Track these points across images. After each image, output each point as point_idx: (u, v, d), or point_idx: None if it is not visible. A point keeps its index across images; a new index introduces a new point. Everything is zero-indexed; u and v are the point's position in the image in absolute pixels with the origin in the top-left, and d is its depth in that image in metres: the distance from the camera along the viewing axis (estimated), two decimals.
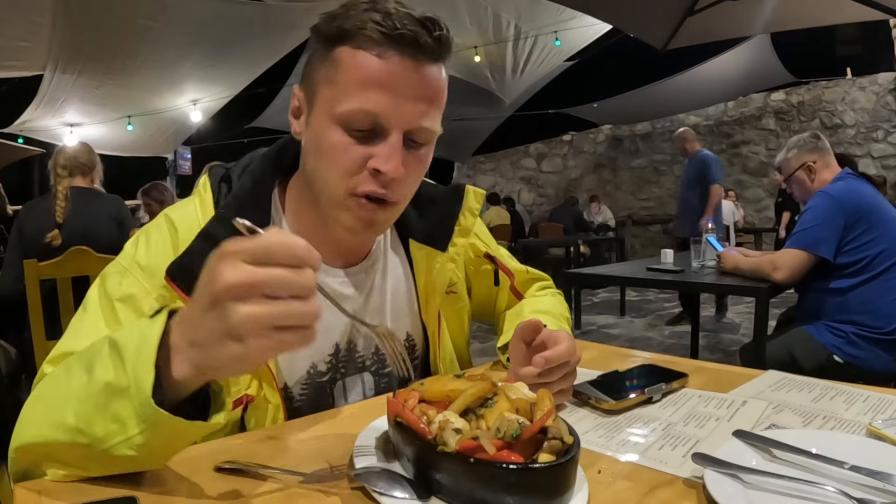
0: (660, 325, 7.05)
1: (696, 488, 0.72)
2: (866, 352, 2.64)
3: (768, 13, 5.34)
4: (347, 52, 0.91)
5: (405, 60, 0.90)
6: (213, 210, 1.02)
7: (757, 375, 1.17)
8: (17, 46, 7.09)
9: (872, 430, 0.85)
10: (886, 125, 11.22)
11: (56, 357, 0.90)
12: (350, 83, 0.91)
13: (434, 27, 0.91)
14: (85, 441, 0.69)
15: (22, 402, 0.80)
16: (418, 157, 0.98)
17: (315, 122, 0.96)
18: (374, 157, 0.92)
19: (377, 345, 1.15)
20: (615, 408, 0.97)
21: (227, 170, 1.10)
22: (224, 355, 0.62)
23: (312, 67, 0.97)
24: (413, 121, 0.93)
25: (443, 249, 1.17)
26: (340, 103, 0.91)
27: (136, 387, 0.65)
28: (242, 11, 7.54)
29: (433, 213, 1.20)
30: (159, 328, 0.66)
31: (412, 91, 0.91)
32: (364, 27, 0.89)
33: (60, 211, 3.22)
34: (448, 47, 0.94)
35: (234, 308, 0.59)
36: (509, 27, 9.68)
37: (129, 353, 0.67)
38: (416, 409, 0.70)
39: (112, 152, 10.42)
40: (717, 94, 12.76)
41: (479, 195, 1.23)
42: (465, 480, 0.63)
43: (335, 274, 1.10)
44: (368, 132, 0.92)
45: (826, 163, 3.03)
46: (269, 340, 0.60)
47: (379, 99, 0.90)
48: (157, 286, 0.95)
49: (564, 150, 14.56)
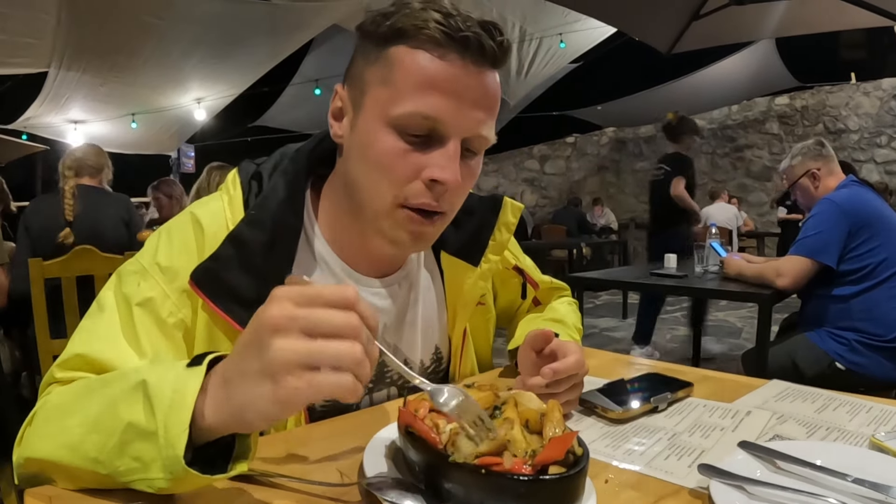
0: (662, 329, 7.05)
1: (702, 498, 0.73)
2: (868, 359, 2.65)
3: (774, 19, 5.36)
4: (405, 52, 0.86)
5: (467, 64, 0.86)
6: (243, 210, 0.97)
7: (761, 385, 1.18)
8: (22, 43, 7.08)
9: (875, 443, 0.86)
10: (890, 130, 11.20)
11: (68, 360, 0.86)
12: (408, 84, 0.85)
13: (496, 32, 0.88)
14: (104, 472, 0.68)
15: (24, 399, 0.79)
16: (470, 167, 0.93)
17: (363, 126, 0.90)
18: (429, 167, 0.87)
19: (406, 359, 1.12)
20: (621, 417, 0.98)
21: (257, 166, 1.04)
22: (255, 394, 0.59)
23: (360, 68, 0.91)
24: (472, 128, 0.88)
25: (475, 265, 1.12)
26: (396, 105, 0.86)
27: (166, 441, 0.62)
28: (248, 10, 7.53)
29: (468, 224, 1.14)
30: (196, 385, 0.63)
31: (473, 97, 0.87)
32: (425, 26, 0.84)
33: (69, 209, 3.23)
34: (508, 54, 0.90)
35: (271, 341, 0.58)
36: (514, 29, 9.66)
37: (160, 403, 0.64)
38: (426, 418, 0.71)
39: (116, 150, 10.41)
40: (721, 98, 12.74)
41: (516, 209, 1.18)
42: (475, 491, 0.63)
43: (370, 284, 1.06)
44: (424, 138, 0.87)
45: (830, 170, 3.04)
46: (301, 381, 0.57)
47: (439, 103, 0.85)
48: (177, 290, 0.91)
49: (568, 152, 14.54)
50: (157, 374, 0.67)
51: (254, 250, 0.92)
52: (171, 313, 0.91)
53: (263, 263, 0.93)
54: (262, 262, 0.93)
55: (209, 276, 0.90)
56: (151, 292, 0.91)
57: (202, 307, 0.92)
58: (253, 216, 0.95)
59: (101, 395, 0.71)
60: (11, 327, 3.33)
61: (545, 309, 1.37)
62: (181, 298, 0.92)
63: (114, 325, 0.89)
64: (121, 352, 0.86)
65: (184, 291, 0.91)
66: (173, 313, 0.91)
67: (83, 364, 0.85)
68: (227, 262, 0.91)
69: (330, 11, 7.70)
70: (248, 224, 0.94)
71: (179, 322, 0.91)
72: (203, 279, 0.90)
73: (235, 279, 0.91)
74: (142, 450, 0.64)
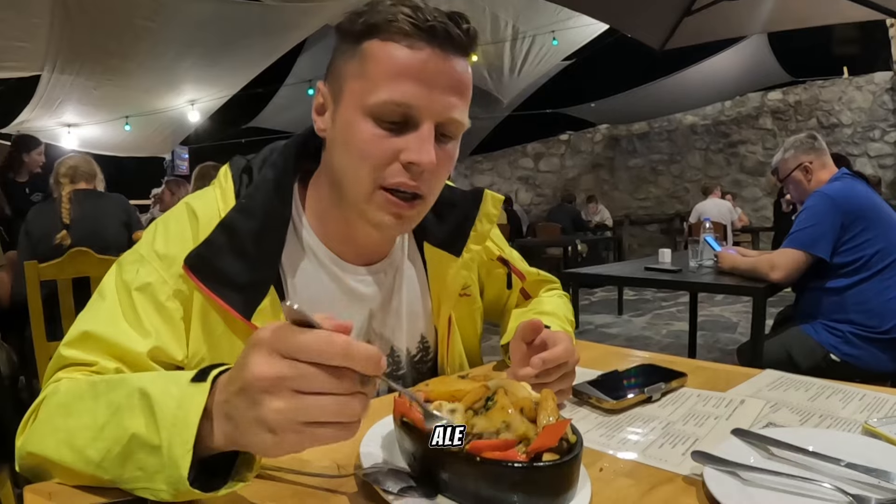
0: (658, 324, 7.07)
1: (696, 485, 0.73)
2: (863, 351, 2.66)
3: (765, 13, 5.37)
4: (378, 45, 0.91)
5: (436, 52, 0.91)
6: (234, 200, 1.01)
7: (755, 375, 1.19)
8: (14, 47, 7.07)
9: (868, 429, 0.87)
10: (883, 124, 11.24)
11: (74, 339, 0.89)
12: (381, 74, 0.90)
13: (462, 21, 0.93)
14: (107, 477, 0.69)
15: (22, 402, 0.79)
16: (446, 151, 0.97)
17: (343, 117, 0.95)
18: (405, 151, 0.91)
19: (392, 346, 1.15)
20: (615, 407, 0.98)
21: (248, 161, 1.09)
22: (256, 441, 0.59)
23: (339, 64, 0.97)
24: (444, 112, 0.92)
25: (457, 255, 1.16)
26: (371, 95, 0.91)
27: (170, 460, 0.62)
28: (240, 11, 7.52)
29: (450, 216, 1.18)
30: (200, 403, 0.62)
31: (443, 82, 0.92)
32: (395, 20, 0.90)
33: (66, 212, 3.26)
34: (475, 41, 0.95)
35: (263, 400, 0.57)
36: (507, 27, 9.69)
37: (164, 419, 0.64)
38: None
39: (110, 153, 10.41)
40: (715, 94, 12.78)
41: (497, 201, 1.22)
42: (470, 479, 0.64)
43: (356, 272, 1.10)
44: (399, 125, 0.92)
45: (823, 163, 3.05)
46: (302, 435, 0.57)
47: (411, 89, 0.90)
48: (174, 275, 0.95)
49: (562, 149, 14.56)
50: (160, 386, 0.67)
51: (244, 237, 0.97)
52: (169, 297, 0.94)
53: (254, 250, 0.97)
54: (252, 249, 0.97)
55: (202, 262, 0.94)
56: (150, 278, 0.94)
57: (196, 291, 0.95)
58: (243, 204, 1.00)
59: (107, 400, 0.72)
60: (8, 331, 3.33)
61: (535, 301, 1.38)
62: (178, 283, 0.95)
63: (115, 309, 0.92)
64: (124, 332, 0.89)
65: (180, 276, 0.95)
66: (171, 297, 0.95)
67: (89, 341, 0.88)
68: (219, 248, 0.96)
69: (321, 11, 7.70)
70: (239, 212, 0.99)
71: (177, 306, 0.95)
72: (196, 264, 0.94)
73: (227, 264, 0.95)
74: (146, 461, 0.65)
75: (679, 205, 13.15)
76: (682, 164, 13.29)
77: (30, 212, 3.47)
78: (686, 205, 12.53)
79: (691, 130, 13.18)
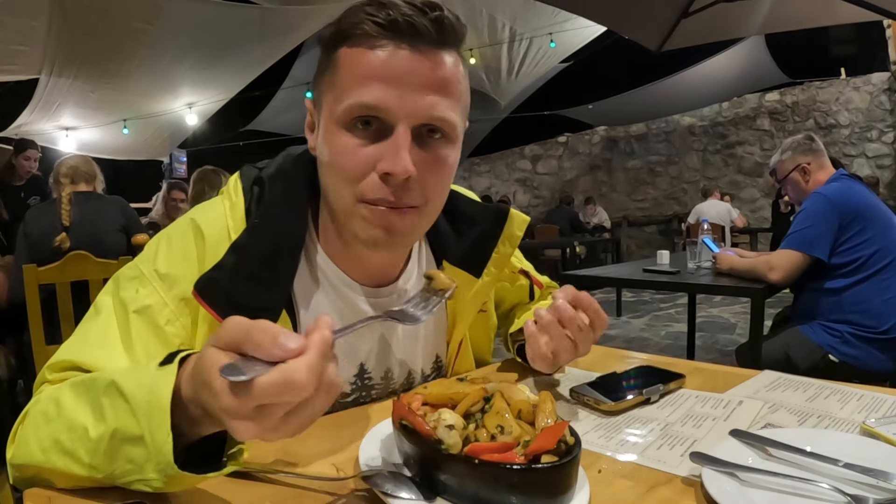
0: (656, 326, 7.07)
1: (695, 486, 0.73)
2: (861, 351, 2.66)
3: (762, 15, 5.37)
4: (345, 52, 0.87)
5: (404, 49, 0.84)
6: (244, 217, 0.96)
7: (753, 376, 1.18)
8: (12, 50, 7.08)
9: (866, 429, 0.86)
10: (880, 125, 11.27)
11: (58, 363, 0.86)
12: (348, 81, 0.86)
13: (430, 9, 0.85)
14: (100, 476, 0.68)
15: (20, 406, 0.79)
16: (436, 155, 0.90)
17: (322, 132, 0.91)
18: (381, 160, 0.85)
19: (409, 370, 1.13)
20: (614, 409, 0.98)
21: (259, 171, 1.03)
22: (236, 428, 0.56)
23: (318, 78, 0.93)
24: (419, 112, 0.85)
25: (477, 276, 1.10)
26: (339, 103, 0.86)
27: (154, 447, 0.62)
28: (238, 14, 7.53)
29: (470, 233, 1.12)
30: (169, 383, 0.62)
31: (416, 81, 0.85)
32: (360, 22, 0.85)
33: (66, 214, 3.26)
34: (452, 31, 0.88)
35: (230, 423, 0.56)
36: (504, 29, 9.70)
37: (139, 408, 0.64)
38: (420, 411, 0.71)
39: (108, 156, 10.40)
40: (712, 95, 12.80)
41: (522, 222, 1.14)
42: (469, 481, 0.64)
43: (368, 294, 1.05)
44: (374, 131, 0.86)
45: (820, 164, 3.05)
46: (278, 433, 0.56)
47: (378, 91, 0.84)
48: (175, 298, 0.91)
49: (560, 151, 14.57)
50: (132, 377, 0.67)
51: (257, 260, 0.92)
52: (169, 321, 0.90)
53: (267, 273, 0.93)
54: (265, 273, 0.92)
55: (212, 287, 0.89)
56: (149, 300, 0.90)
57: (204, 317, 0.91)
58: (256, 225, 0.95)
59: (87, 399, 0.71)
60: (7, 335, 3.33)
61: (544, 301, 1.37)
62: (179, 306, 0.91)
63: (108, 330, 0.89)
64: (113, 357, 0.86)
65: (182, 299, 0.91)
66: (171, 321, 0.91)
67: (72, 369, 0.85)
68: (231, 272, 0.91)
69: (319, 14, 7.70)
70: (251, 234, 0.94)
71: (176, 331, 0.91)
72: (206, 289, 0.89)
73: (239, 288, 0.90)
74: (133, 453, 0.65)
75: (677, 206, 13.17)
76: (679, 165, 13.31)
77: (28, 212, 3.47)
78: (684, 206, 12.56)
79: (689, 132, 13.20)
